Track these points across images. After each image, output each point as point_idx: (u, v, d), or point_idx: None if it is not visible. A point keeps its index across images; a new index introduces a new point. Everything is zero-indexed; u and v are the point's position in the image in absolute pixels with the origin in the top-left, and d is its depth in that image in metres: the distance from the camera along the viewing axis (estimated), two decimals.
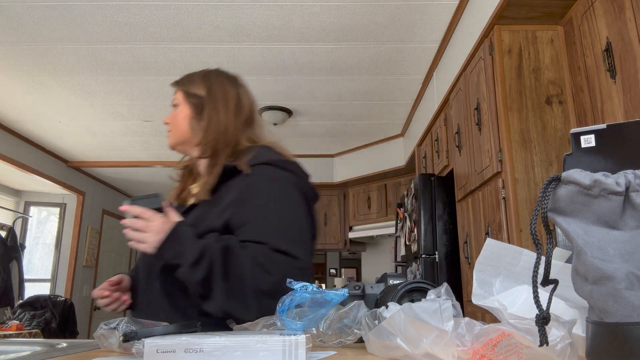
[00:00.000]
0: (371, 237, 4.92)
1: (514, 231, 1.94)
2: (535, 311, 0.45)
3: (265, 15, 2.61)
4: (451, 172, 2.89)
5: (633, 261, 0.43)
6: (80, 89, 3.55)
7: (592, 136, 0.69)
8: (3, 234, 4.78)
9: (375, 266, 5.10)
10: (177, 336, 0.49)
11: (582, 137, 0.69)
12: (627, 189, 0.47)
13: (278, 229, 0.94)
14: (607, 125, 0.68)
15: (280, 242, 0.91)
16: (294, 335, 0.48)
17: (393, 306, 0.53)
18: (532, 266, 0.49)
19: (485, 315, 2.26)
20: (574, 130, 0.72)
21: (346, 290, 0.72)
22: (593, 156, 0.68)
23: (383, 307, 0.58)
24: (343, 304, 0.74)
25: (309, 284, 0.72)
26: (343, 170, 5.04)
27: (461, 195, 2.62)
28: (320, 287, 0.81)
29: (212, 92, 1.12)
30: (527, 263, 0.62)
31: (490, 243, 0.65)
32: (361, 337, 0.63)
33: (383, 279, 0.81)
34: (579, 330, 0.52)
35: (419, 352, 0.46)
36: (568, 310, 0.57)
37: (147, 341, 0.47)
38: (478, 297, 0.64)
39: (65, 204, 5.74)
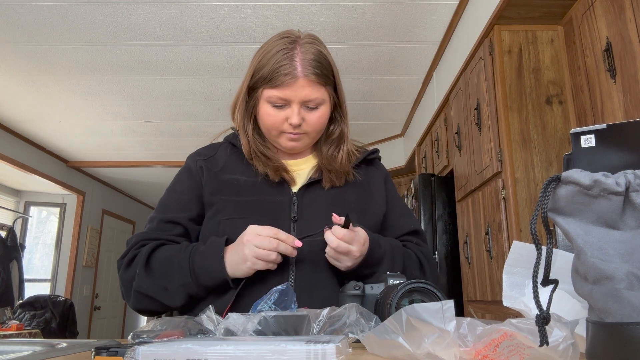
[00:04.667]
0: None
1: (513, 231, 1.94)
2: (561, 312, 0.45)
3: (265, 15, 2.61)
4: (451, 172, 2.89)
5: (633, 261, 0.43)
6: (80, 89, 3.54)
7: (592, 136, 0.69)
8: (3, 234, 4.78)
9: None
10: (177, 343, 0.44)
11: (582, 137, 0.70)
12: (627, 189, 0.47)
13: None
14: (607, 125, 0.69)
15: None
16: (321, 344, 0.40)
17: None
18: (566, 265, 0.48)
19: (485, 315, 2.26)
20: (573, 130, 0.72)
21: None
22: (593, 156, 0.68)
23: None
24: (339, 304, 0.74)
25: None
26: None
27: (461, 195, 2.62)
28: None
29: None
30: (561, 263, 0.60)
31: (516, 245, 0.65)
32: (357, 340, 0.62)
33: (383, 279, 0.81)
34: (581, 330, 0.52)
35: (421, 352, 0.46)
36: (582, 312, 0.56)
37: (142, 349, 0.42)
38: (508, 299, 0.63)
39: (65, 204, 5.74)
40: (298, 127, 0.97)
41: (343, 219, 0.87)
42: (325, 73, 0.98)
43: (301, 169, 1.06)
